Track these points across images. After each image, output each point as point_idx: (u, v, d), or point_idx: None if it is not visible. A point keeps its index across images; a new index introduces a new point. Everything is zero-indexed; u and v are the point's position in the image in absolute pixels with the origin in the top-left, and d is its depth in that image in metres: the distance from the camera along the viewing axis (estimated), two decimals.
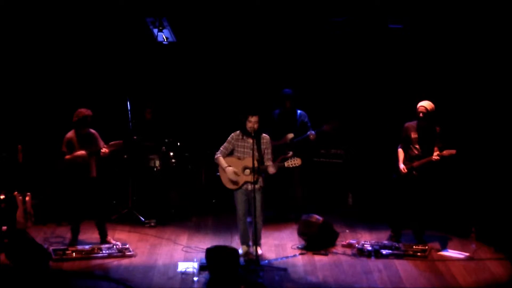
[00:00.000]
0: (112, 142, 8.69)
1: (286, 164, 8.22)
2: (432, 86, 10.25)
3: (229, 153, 8.37)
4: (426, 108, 8.47)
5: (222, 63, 10.88)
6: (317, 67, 10.82)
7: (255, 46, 10.68)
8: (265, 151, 8.30)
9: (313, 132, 9.70)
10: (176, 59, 10.92)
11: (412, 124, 8.66)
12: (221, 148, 8.38)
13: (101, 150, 8.60)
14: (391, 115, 10.12)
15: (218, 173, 8.52)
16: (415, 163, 8.57)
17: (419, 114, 8.49)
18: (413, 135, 8.62)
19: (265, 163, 8.26)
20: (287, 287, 7.54)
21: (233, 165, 8.32)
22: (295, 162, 8.20)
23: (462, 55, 10.11)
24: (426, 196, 8.65)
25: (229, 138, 8.36)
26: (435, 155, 8.41)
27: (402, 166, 8.64)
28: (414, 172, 8.58)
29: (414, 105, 8.59)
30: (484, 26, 9.75)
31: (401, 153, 8.73)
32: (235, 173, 8.28)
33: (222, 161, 8.35)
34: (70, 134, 8.66)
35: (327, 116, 10.28)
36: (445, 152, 8.39)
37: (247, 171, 8.23)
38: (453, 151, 8.36)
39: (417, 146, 8.60)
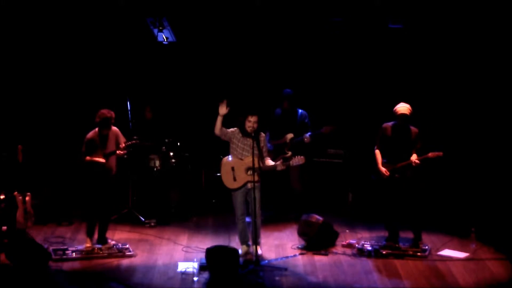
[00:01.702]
0: (128, 143, 8.64)
1: (291, 163, 8.20)
2: (431, 86, 10.26)
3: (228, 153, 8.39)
4: (399, 111, 8.45)
5: (222, 63, 10.88)
6: (317, 67, 10.82)
7: (255, 46, 10.68)
8: (263, 149, 8.32)
9: (307, 135, 9.69)
10: (176, 59, 10.92)
11: (389, 124, 8.63)
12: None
13: (117, 152, 8.56)
14: (391, 115, 10.10)
15: (219, 174, 8.51)
16: (398, 165, 8.50)
17: (399, 117, 8.46)
18: (389, 135, 8.59)
19: (274, 162, 8.29)
20: (287, 287, 7.55)
21: (235, 166, 8.31)
22: (299, 160, 8.20)
23: (462, 55, 10.12)
24: (412, 197, 8.59)
25: (232, 129, 8.34)
26: (415, 159, 8.36)
27: (383, 169, 8.59)
28: (396, 175, 8.53)
29: (414, 105, 8.59)
30: (483, 26, 9.75)
31: (378, 154, 8.67)
32: (239, 165, 8.27)
33: (217, 127, 8.23)
34: (92, 134, 8.55)
35: (327, 116, 10.28)
36: (430, 154, 8.35)
37: (250, 171, 8.21)
38: (440, 153, 8.33)
39: (393, 147, 8.56)
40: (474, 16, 9.67)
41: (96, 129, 8.54)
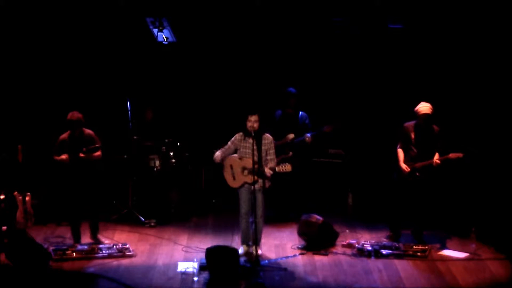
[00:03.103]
0: (90, 147, 8.67)
1: (277, 169, 8.17)
2: (431, 86, 10.26)
3: (233, 153, 8.39)
4: (420, 111, 8.46)
5: (222, 63, 10.88)
6: (317, 67, 10.82)
7: (255, 46, 10.68)
8: (268, 152, 8.28)
9: (308, 135, 9.70)
10: (176, 59, 10.92)
11: (411, 124, 8.66)
12: (222, 148, 8.38)
13: (80, 155, 8.62)
14: (391, 115, 10.12)
15: (223, 171, 8.53)
16: (417, 164, 8.56)
17: (421, 117, 8.48)
18: (412, 135, 8.63)
19: (268, 164, 8.24)
20: (287, 287, 7.54)
21: (234, 165, 8.32)
22: (285, 168, 8.14)
23: (462, 55, 10.12)
24: (427, 197, 8.65)
25: (233, 138, 8.35)
26: (436, 159, 8.39)
27: (404, 165, 8.64)
28: (417, 173, 8.57)
29: (414, 105, 8.60)
30: (484, 25, 9.75)
31: (401, 153, 8.73)
32: (237, 164, 8.26)
33: (217, 154, 8.33)
34: (64, 135, 8.74)
35: (327, 116, 10.28)
36: (451, 155, 8.37)
37: (246, 171, 8.22)
38: (460, 154, 8.35)
39: (415, 147, 8.60)
40: (474, 15, 9.66)
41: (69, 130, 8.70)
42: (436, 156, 8.47)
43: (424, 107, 8.48)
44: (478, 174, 9.92)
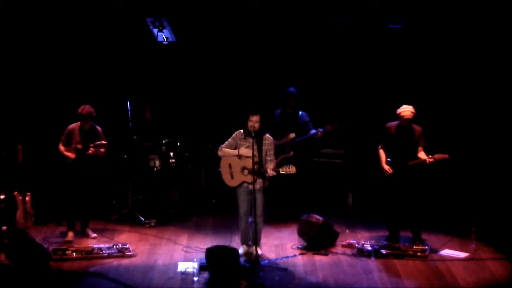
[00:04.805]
0: (97, 143, 8.77)
1: (281, 170, 8.12)
2: (431, 86, 10.27)
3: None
4: (402, 114, 8.49)
5: (222, 63, 10.88)
6: (317, 67, 10.82)
7: (255, 46, 10.68)
8: (267, 152, 8.27)
9: (321, 129, 9.72)
10: (176, 59, 10.92)
11: (394, 124, 8.67)
12: (224, 143, 8.36)
13: (89, 151, 8.74)
14: (391, 115, 10.11)
15: (219, 169, 8.51)
16: (410, 163, 8.54)
17: (402, 120, 8.49)
18: (394, 135, 8.62)
19: (267, 165, 8.23)
20: (287, 287, 7.55)
21: (232, 163, 8.31)
22: (290, 170, 8.10)
23: (461, 55, 10.13)
24: (415, 197, 8.62)
25: (233, 135, 8.34)
26: (429, 158, 8.40)
27: (386, 167, 8.64)
28: (402, 174, 8.56)
29: (415, 105, 8.60)
30: (483, 26, 9.76)
31: (382, 153, 8.74)
32: (236, 163, 8.26)
33: (228, 150, 8.31)
34: (73, 125, 8.85)
35: (327, 116, 10.28)
36: (437, 156, 8.38)
37: (246, 171, 8.22)
38: (446, 156, 8.36)
39: (397, 147, 8.59)
40: (474, 16, 9.67)
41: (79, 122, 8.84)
42: (423, 154, 8.47)
43: (405, 111, 8.47)
44: (478, 174, 9.92)
